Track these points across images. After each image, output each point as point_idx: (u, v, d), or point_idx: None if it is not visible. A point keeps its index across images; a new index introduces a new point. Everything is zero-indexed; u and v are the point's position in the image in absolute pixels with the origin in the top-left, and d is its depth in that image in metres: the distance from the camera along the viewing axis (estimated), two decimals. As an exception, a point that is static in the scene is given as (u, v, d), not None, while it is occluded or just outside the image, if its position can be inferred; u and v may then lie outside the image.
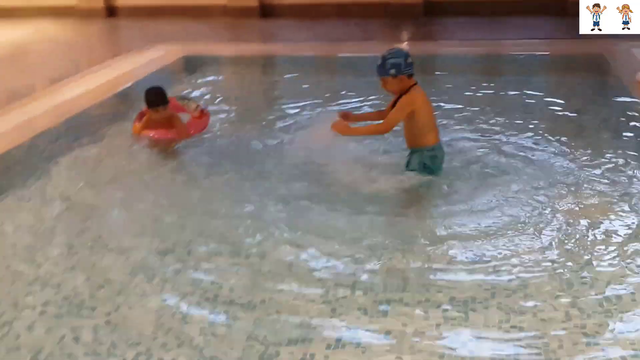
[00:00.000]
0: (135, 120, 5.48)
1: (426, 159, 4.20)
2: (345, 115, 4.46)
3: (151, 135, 5.27)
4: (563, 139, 5.09)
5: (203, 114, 5.56)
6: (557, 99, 6.27)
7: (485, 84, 6.94)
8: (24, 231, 3.91)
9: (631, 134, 5.18)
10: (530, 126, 5.41)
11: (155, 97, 5.19)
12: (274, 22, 11.25)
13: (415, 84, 4.10)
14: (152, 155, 5.10)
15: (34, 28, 11.33)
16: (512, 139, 5.12)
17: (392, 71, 3.99)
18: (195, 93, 6.68)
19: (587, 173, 4.43)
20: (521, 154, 4.83)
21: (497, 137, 5.18)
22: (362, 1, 11.33)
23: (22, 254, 3.65)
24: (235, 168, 4.73)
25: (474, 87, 6.76)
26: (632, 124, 5.42)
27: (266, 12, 11.54)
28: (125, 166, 4.87)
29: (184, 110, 5.53)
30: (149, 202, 4.23)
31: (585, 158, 4.70)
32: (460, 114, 5.79)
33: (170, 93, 5.45)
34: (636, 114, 5.61)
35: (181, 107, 5.53)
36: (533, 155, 4.78)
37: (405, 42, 9.34)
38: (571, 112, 5.82)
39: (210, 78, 7.66)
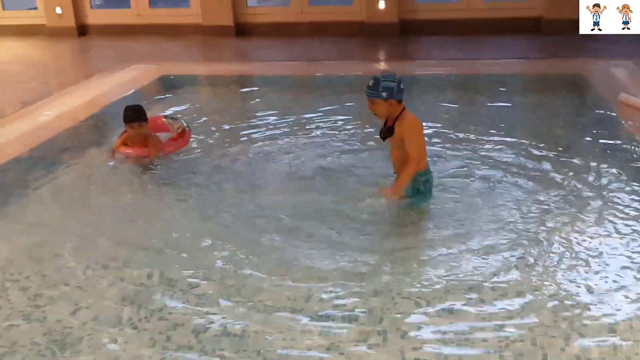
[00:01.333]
0: (118, 138, 5.47)
1: (419, 184, 4.12)
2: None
3: (127, 152, 5.27)
4: (544, 159, 5.07)
5: (184, 133, 5.58)
6: (539, 118, 6.28)
7: (463, 104, 6.93)
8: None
9: (614, 153, 5.17)
10: (511, 147, 5.37)
11: (133, 113, 5.25)
12: (249, 41, 11.16)
13: (404, 109, 4.04)
14: (127, 175, 5.04)
15: (1, 48, 11.07)
16: (493, 160, 5.07)
17: (384, 94, 3.91)
18: (169, 112, 6.54)
19: (570, 193, 4.42)
20: (503, 174, 4.79)
21: (476, 159, 5.12)
22: (338, 20, 11.30)
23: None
24: (211, 185, 4.77)
25: (451, 107, 6.75)
26: (614, 143, 5.42)
27: (242, 30, 11.45)
28: (100, 188, 4.80)
29: (167, 130, 5.60)
30: (122, 223, 4.18)
31: (568, 178, 4.69)
32: (440, 134, 5.74)
33: (149, 113, 5.46)
34: (619, 133, 5.62)
35: (166, 125, 5.64)
36: (515, 176, 4.74)
37: (383, 62, 9.35)
38: (553, 133, 5.78)
39: (187, 97, 7.52)
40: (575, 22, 10.13)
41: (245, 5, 11.54)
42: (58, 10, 11.68)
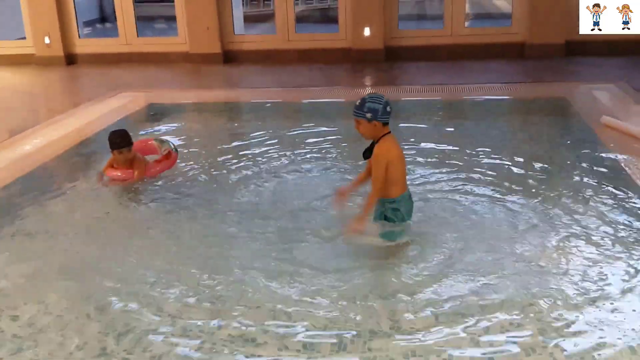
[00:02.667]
0: (107, 162, 5.56)
1: (388, 211, 4.07)
2: (342, 193, 4.37)
3: (113, 174, 5.38)
4: (529, 181, 5.13)
5: (169, 154, 5.68)
6: (522, 141, 6.35)
7: (448, 128, 7.01)
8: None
9: (596, 174, 5.24)
10: (494, 169, 5.44)
11: (120, 138, 5.34)
12: (237, 67, 11.26)
13: (388, 132, 4.03)
14: (113, 201, 5.13)
15: (-9, 77, 11.12)
16: (477, 185, 5.11)
17: (369, 115, 3.89)
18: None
19: (554, 218, 4.45)
20: (487, 195, 4.86)
21: (460, 181, 5.18)
22: (325, 47, 11.45)
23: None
24: (195, 209, 4.85)
25: (436, 130, 6.83)
26: (596, 163, 5.50)
27: (229, 58, 11.56)
28: (91, 215, 4.84)
29: (156, 152, 5.78)
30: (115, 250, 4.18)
31: (551, 198, 4.76)
32: (425, 156, 5.81)
33: (136, 139, 5.60)
34: (602, 156, 5.70)
35: (155, 147, 5.82)
36: (499, 201, 4.77)
37: (368, 88, 9.45)
38: (537, 156, 5.82)
39: (175, 125, 7.57)
40: (558, 47, 10.48)
41: (233, 33, 11.66)
42: (47, 40, 11.75)
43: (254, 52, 11.59)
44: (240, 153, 6.25)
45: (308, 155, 6.07)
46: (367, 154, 4.07)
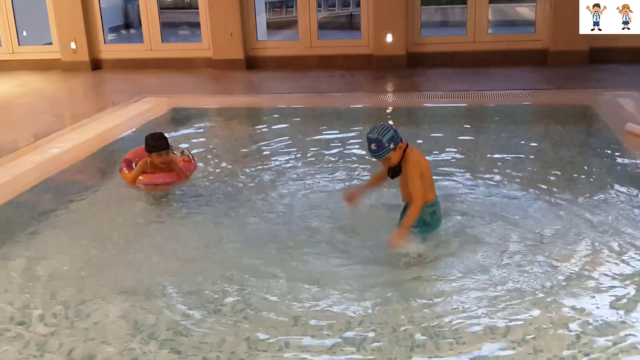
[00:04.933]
0: (122, 168, 5.53)
1: (426, 215, 4.14)
2: (352, 197, 4.45)
3: (154, 180, 5.34)
4: (554, 189, 5.09)
5: (189, 160, 5.75)
6: (547, 149, 6.32)
7: (471, 135, 6.99)
8: (10, 291, 3.80)
9: (621, 182, 5.17)
10: (518, 177, 5.41)
11: (160, 141, 5.31)
12: (259, 73, 11.33)
13: (407, 145, 4.08)
14: (148, 203, 5.17)
15: (18, 82, 11.29)
16: (500, 190, 5.11)
17: (392, 145, 3.95)
18: (184, 145, 6.62)
19: (578, 224, 4.42)
20: (512, 205, 4.81)
21: (482, 189, 5.17)
22: (346, 53, 11.48)
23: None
24: (221, 214, 4.86)
25: (459, 137, 6.81)
26: (621, 171, 5.46)
27: (252, 64, 11.64)
28: (122, 219, 4.87)
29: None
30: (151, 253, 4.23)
31: (576, 206, 4.72)
32: (448, 164, 5.79)
33: None
34: (627, 163, 5.65)
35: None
36: (525, 207, 4.76)
37: (391, 94, 9.45)
38: (562, 163, 5.82)
39: (198, 129, 7.65)
40: (581, 54, 10.40)
41: (255, 40, 11.74)
42: (73, 45, 11.93)
43: (276, 58, 11.66)
44: (262, 158, 6.30)
45: (329, 161, 6.08)
46: (393, 174, 4.15)
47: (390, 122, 4.00)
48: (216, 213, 4.90)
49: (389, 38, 11.02)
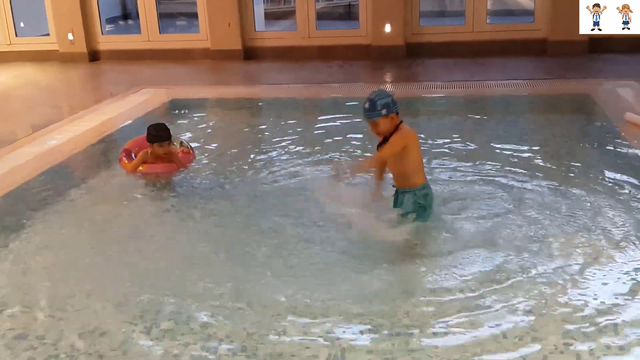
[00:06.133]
0: (122, 158, 5.57)
1: (420, 198, 4.17)
2: (375, 195, 4.47)
3: (157, 169, 5.41)
4: (553, 179, 5.08)
5: (188, 151, 5.80)
6: (546, 139, 6.31)
7: (469, 125, 6.98)
8: (5, 283, 3.80)
9: (621, 172, 5.17)
10: (517, 166, 5.39)
11: (163, 132, 5.40)
12: (257, 64, 11.30)
13: (401, 121, 4.09)
14: (146, 193, 5.18)
15: (15, 73, 11.25)
16: (499, 179, 5.09)
17: (384, 111, 3.96)
18: (183, 136, 6.62)
19: (576, 214, 4.41)
20: (509, 193, 4.81)
21: (481, 179, 5.14)
22: (345, 43, 11.44)
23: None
24: (219, 205, 4.86)
25: (458, 128, 6.79)
26: (620, 161, 5.45)
27: (250, 54, 11.60)
28: (120, 209, 4.87)
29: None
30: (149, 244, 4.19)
31: (575, 198, 4.70)
32: (446, 154, 5.78)
33: None
34: (626, 152, 5.64)
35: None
36: (523, 197, 4.74)
37: (389, 84, 9.42)
38: (560, 153, 5.82)
39: (196, 120, 7.63)
40: (581, 44, 10.36)
41: (254, 30, 11.70)
42: (70, 36, 11.89)
43: (275, 49, 11.62)
44: (260, 149, 6.28)
45: (327, 151, 6.06)
46: (380, 145, 4.14)
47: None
48: (214, 204, 4.88)
49: (388, 28, 10.99)
